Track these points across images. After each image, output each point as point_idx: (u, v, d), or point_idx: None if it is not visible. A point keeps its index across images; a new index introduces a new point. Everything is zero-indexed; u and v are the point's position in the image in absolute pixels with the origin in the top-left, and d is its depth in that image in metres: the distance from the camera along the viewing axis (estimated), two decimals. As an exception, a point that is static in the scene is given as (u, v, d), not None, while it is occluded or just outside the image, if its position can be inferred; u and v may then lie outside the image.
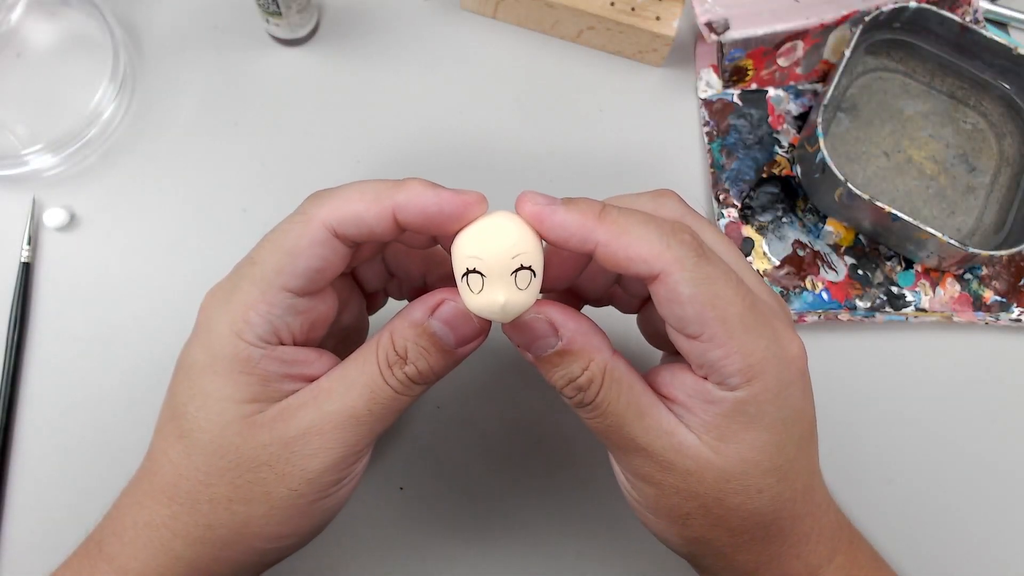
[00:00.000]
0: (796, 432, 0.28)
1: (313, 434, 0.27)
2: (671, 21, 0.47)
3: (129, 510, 0.29)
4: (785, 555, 0.29)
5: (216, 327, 0.27)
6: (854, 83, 0.49)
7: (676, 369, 0.28)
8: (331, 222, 0.27)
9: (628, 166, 0.48)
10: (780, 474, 0.28)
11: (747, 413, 0.27)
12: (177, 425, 0.28)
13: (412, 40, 0.50)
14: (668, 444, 0.27)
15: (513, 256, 0.26)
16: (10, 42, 0.47)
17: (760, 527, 0.28)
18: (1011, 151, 0.48)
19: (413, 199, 0.26)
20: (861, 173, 0.48)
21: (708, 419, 0.27)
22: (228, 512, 0.27)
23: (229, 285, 0.28)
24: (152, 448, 0.29)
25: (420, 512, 0.41)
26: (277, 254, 0.27)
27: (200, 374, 0.27)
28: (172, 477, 0.28)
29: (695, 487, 0.27)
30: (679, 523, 0.28)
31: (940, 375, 0.45)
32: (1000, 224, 0.46)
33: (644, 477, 0.28)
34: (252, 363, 0.27)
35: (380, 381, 0.28)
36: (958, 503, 0.43)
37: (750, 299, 0.27)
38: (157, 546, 0.28)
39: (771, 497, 0.28)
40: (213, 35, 0.49)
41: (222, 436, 0.27)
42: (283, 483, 0.27)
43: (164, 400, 0.29)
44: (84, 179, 0.45)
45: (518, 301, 0.27)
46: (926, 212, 0.47)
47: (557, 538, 0.41)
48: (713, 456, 0.27)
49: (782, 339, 0.27)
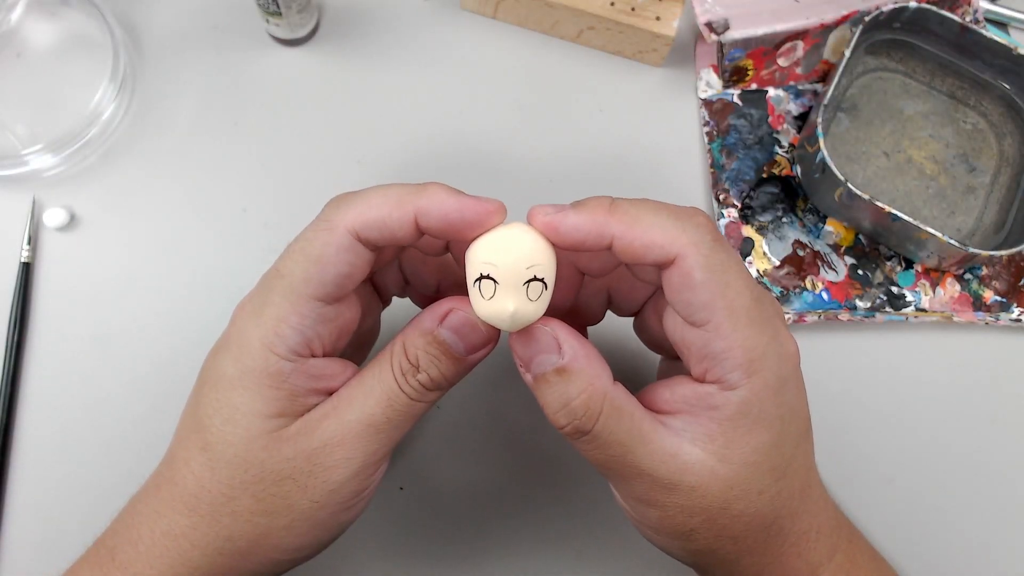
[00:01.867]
0: (793, 430, 0.28)
1: (335, 445, 0.28)
2: (671, 21, 0.47)
3: (146, 519, 0.29)
4: (787, 554, 0.29)
5: (247, 341, 0.27)
6: (854, 83, 0.49)
7: (674, 383, 0.28)
8: (355, 227, 0.27)
9: (628, 166, 0.48)
10: (778, 473, 0.28)
11: (750, 415, 0.27)
12: (201, 437, 0.28)
13: (412, 40, 0.50)
14: (673, 467, 0.27)
15: (527, 267, 0.26)
16: (10, 42, 0.47)
17: (761, 529, 0.28)
18: (1011, 151, 0.48)
19: (435, 205, 0.27)
20: (861, 173, 0.48)
21: (713, 427, 0.27)
22: (249, 524, 0.28)
23: (259, 298, 0.28)
24: (173, 457, 0.29)
25: (420, 512, 0.41)
26: (304, 263, 0.27)
27: (228, 387, 0.28)
28: (194, 488, 0.28)
29: (699, 501, 0.27)
30: (684, 538, 0.28)
31: (940, 375, 0.45)
32: (1000, 224, 0.46)
33: (647, 501, 0.28)
34: (282, 378, 0.27)
35: (396, 389, 0.28)
36: (957, 503, 0.43)
37: (757, 292, 0.27)
38: (175, 556, 0.28)
39: (771, 497, 0.28)
40: (213, 35, 0.49)
41: (248, 451, 0.27)
42: (305, 495, 0.28)
43: (186, 409, 0.30)
44: (84, 179, 0.45)
45: (528, 311, 0.27)
46: (926, 212, 0.47)
47: (557, 538, 0.41)
48: (719, 465, 0.27)
49: (780, 335, 0.28)
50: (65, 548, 0.39)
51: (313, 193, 0.46)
